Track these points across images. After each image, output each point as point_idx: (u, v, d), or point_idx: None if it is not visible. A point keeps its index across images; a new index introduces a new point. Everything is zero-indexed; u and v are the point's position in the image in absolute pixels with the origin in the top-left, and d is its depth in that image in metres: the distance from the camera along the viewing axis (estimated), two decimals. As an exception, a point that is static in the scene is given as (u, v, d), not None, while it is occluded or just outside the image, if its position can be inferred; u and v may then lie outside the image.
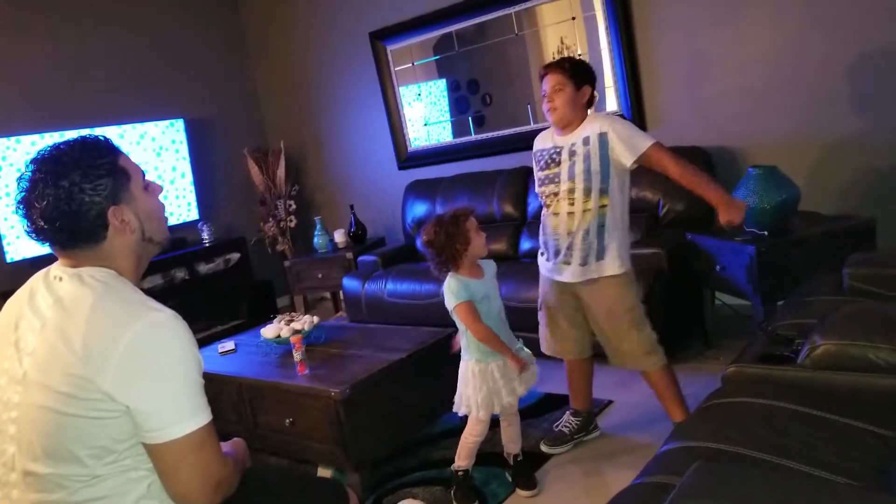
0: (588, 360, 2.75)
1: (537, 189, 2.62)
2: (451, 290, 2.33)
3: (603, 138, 2.41)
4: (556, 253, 2.55)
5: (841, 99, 3.41)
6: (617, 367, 2.62)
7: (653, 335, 2.53)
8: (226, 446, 1.54)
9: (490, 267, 2.47)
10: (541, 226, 2.64)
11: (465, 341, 2.40)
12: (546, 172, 2.54)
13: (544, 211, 2.59)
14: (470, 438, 2.46)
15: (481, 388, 2.35)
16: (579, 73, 2.46)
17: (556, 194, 2.50)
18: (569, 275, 2.52)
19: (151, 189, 1.43)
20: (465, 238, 2.32)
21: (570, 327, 2.66)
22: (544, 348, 2.76)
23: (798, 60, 3.49)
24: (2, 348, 1.33)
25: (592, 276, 2.48)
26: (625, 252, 2.52)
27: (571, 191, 2.45)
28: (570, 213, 2.47)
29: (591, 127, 2.45)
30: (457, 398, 2.43)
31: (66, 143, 1.32)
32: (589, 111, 2.54)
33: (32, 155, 1.32)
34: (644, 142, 2.40)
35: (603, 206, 2.45)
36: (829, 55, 3.40)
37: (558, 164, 2.49)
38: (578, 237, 2.47)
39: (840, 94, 3.41)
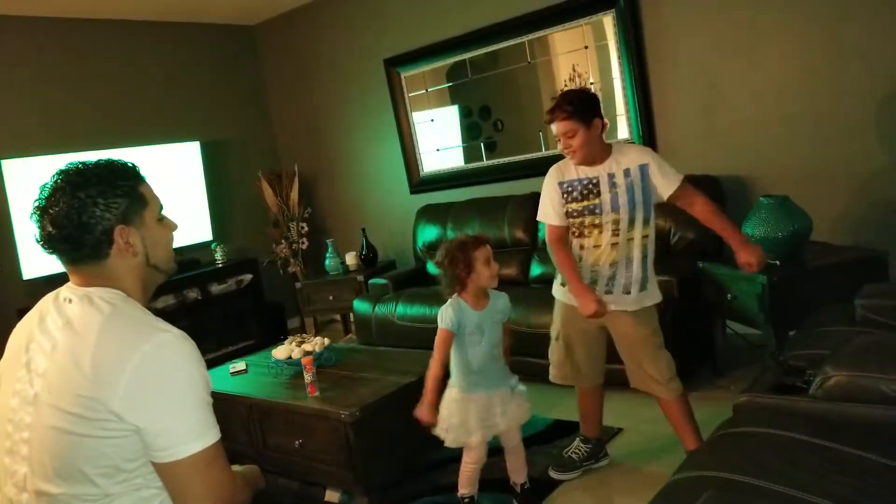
0: (599, 388, 2.74)
1: (568, 221, 2.54)
2: (443, 314, 2.36)
3: (644, 170, 2.43)
4: (593, 284, 2.50)
5: (854, 130, 3.42)
6: (639, 389, 2.60)
7: (672, 360, 2.54)
8: (237, 469, 1.55)
9: (498, 300, 2.46)
10: (575, 257, 2.56)
11: (452, 369, 2.41)
12: (584, 203, 2.48)
13: (579, 242, 2.53)
14: (467, 466, 2.46)
15: (453, 415, 2.35)
16: (584, 111, 2.38)
17: (597, 225, 2.47)
18: (610, 303, 2.47)
19: (166, 224, 1.45)
20: (469, 265, 2.32)
21: (587, 356, 2.65)
22: (555, 377, 2.74)
23: (811, 91, 3.51)
24: (13, 370, 1.35)
25: (635, 307, 2.48)
26: (656, 280, 2.56)
27: (616, 222, 2.44)
28: (614, 244, 2.45)
29: (629, 157, 2.44)
30: (440, 423, 2.41)
31: (95, 161, 1.37)
32: (611, 141, 2.55)
33: (62, 167, 1.36)
34: (676, 176, 2.46)
35: (645, 237, 2.46)
36: (843, 87, 3.42)
37: (598, 194, 2.45)
38: (622, 268, 2.46)
39: (854, 126, 3.42)
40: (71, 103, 4.81)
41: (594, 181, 2.46)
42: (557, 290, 2.67)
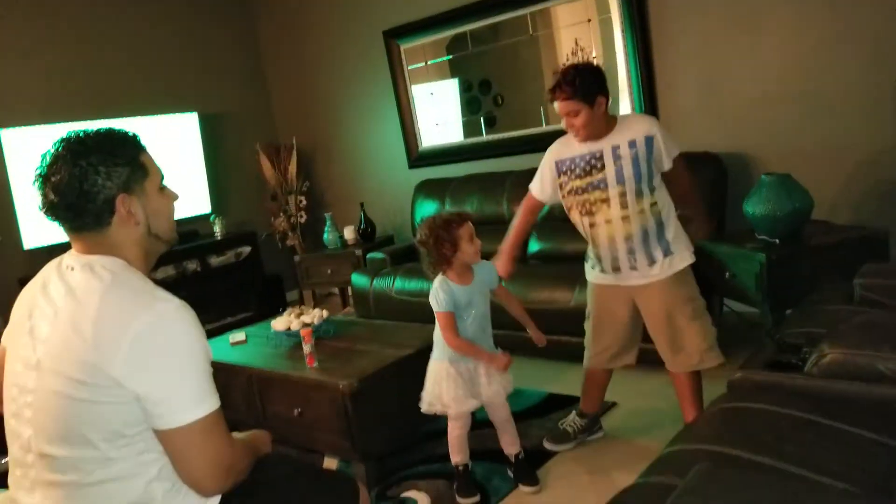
0: (609, 371, 2.73)
1: (571, 199, 2.50)
2: (436, 297, 2.37)
3: (650, 141, 2.38)
4: (615, 261, 2.46)
5: (858, 109, 3.40)
6: (676, 371, 2.52)
7: (713, 328, 2.50)
8: (241, 435, 1.57)
9: (483, 271, 2.47)
10: (589, 236, 2.52)
11: (437, 343, 2.45)
12: (588, 180, 2.43)
13: (589, 220, 2.48)
14: (454, 433, 2.51)
15: (452, 388, 2.39)
16: (587, 90, 2.31)
17: (604, 200, 2.42)
18: (639, 277, 2.46)
19: (167, 193, 1.46)
20: (453, 244, 2.34)
21: (620, 335, 2.60)
22: (591, 364, 2.68)
23: (816, 69, 3.48)
24: (17, 336, 1.37)
25: (666, 275, 2.43)
26: (686, 240, 2.51)
27: (623, 194, 2.39)
28: (625, 217, 2.40)
29: (633, 128, 2.40)
30: (424, 395, 2.46)
31: (96, 130, 1.37)
32: (615, 114, 2.50)
33: (63, 135, 1.36)
34: (675, 148, 2.45)
35: (654, 205, 2.41)
36: (848, 65, 3.39)
37: (601, 168, 2.40)
38: (637, 240, 2.41)
39: (857, 105, 3.40)
40: (69, 73, 4.77)
41: (597, 154, 2.41)
42: (588, 272, 2.64)
